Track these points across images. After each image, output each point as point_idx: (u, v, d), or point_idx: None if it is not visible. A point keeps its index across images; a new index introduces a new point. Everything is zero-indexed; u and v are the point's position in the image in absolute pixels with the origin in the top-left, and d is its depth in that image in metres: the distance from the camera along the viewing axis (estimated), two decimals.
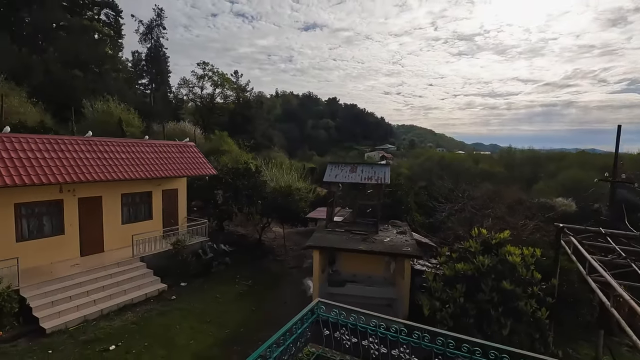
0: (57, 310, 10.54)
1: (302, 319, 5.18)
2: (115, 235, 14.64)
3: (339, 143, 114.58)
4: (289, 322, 4.89)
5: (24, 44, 38.49)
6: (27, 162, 11.59)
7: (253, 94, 69.05)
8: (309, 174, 37.91)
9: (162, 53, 64.04)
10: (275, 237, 21.93)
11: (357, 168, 15.16)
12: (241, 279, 15.24)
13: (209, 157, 25.43)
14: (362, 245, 12.39)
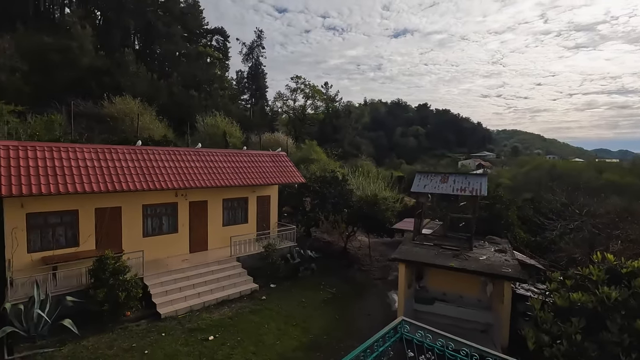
0: (170, 299, 12.17)
1: (384, 337, 4.96)
2: (217, 235, 16.33)
3: (429, 151, 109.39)
4: (370, 339, 4.73)
5: (154, 71, 46.27)
6: (152, 170, 13.77)
7: (342, 104, 70.69)
8: (396, 182, 36.90)
9: (261, 70, 70.14)
10: (360, 246, 21.81)
11: (449, 178, 14.16)
12: (326, 286, 15.48)
13: (299, 166, 26.73)
14: (453, 262, 11.46)
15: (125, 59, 41.96)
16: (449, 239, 14.32)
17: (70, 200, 12.06)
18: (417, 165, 70.57)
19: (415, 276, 13.42)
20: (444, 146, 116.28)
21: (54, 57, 35.98)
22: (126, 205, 13.52)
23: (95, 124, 27.82)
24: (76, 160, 12.35)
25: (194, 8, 61.26)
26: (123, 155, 13.66)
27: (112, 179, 12.46)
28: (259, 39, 70.15)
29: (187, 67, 50.79)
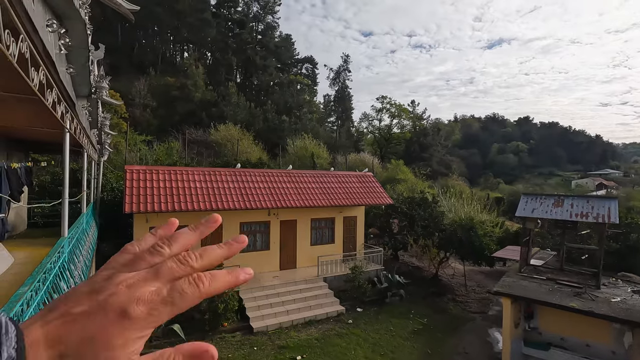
0: (261, 314, 12.74)
1: None
2: (305, 254, 16.73)
3: (533, 169, 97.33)
4: None
5: (252, 100, 51.16)
6: (248, 191, 14.92)
7: (430, 121, 68.00)
8: (494, 204, 33.46)
9: (347, 93, 72.11)
10: (454, 274, 20.01)
11: (564, 201, 12.17)
12: (416, 315, 14.47)
13: (385, 186, 26.18)
14: (574, 302, 9.65)
15: (228, 91, 47.39)
16: (567, 273, 12.19)
17: (182, 217, 13.72)
18: (519, 185, 63.04)
19: (524, 314, 11.65)
20: (551, 163, 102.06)
21: (174, 93, 42.66)
22: (226, 222, 14.81)
23: (204, 149, 31.72)
24: (188, 182, 14.09)
25: (287, 41, 66.71)
26: (225, 177, 15.14)
27: (216, 199, 13.85)
28: (345, 64, 72.65)
29: (280, 95, 55.00)
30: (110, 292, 0.36)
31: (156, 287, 0.37)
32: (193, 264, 0.42)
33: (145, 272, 0.39)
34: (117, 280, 0.37)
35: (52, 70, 3.65)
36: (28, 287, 3.13)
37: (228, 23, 60.01)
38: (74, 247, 6.27)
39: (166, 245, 0.43)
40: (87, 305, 0.35)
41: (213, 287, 0.41)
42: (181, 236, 0.45)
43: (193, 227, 0.47)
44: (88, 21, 4.11)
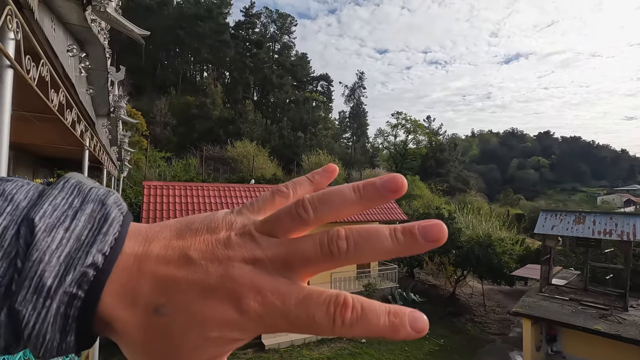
0: None
1: None
2: None
3: (555, 184, 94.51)
4: None
5: (268, 117, 52.22)
6: None
7: (446, 137, 67.52)
8: (514, 221, 32.50)
9: (362, 109, 72.73)
10: (472, 293, 19.37)
11: (586, 218, 11.73)
12: (432, 335, 14.00)
13: (400, 202, 25.91)
14: (600, 325, 9.16)
15: (245, 109, 48.60)
16: (591, 293, 11.63)
17: None
18: (541, 202, 61.22)
19: (546, 337, 11.12)
20: (575, 179, 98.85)
21: (194, 111, 44.08)
22: None
23: (221, 165, 32.40)
24: (203, 197, 14.37)
25: (303, 60, 68.32)
26: (239, 192, 15.36)
27: None
28: (360, 80, 73.56)
29: (296, 112, 55.97)
30: (236, 262, 0.27)
31: (284, 288, 0.27)
32: (342, 255, 0.28)
33: (279, 248, 0.28)
34: (249, 246, 0.28)
35: (72, 91, 3.88)
36: None
37: (246, 43, 62.11)
38: None
39: (312, 208, 0.29)
40: (208, 260, 0.27)
41: (355, 330, 0.26)
42: (337, 197, 0.30)
43: (357, 188, 0.30)
44: (107, 45, 4.38)
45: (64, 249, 0.26)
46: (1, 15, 1.95)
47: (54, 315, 0.25)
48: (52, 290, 0.25)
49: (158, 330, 0.27)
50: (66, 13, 2.78)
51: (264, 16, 66.06)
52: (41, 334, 0.24)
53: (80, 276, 0.25)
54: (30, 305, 0.24)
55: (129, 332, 0.27)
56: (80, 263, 0.26)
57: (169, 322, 0.26)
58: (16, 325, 0.24)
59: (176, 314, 0.26)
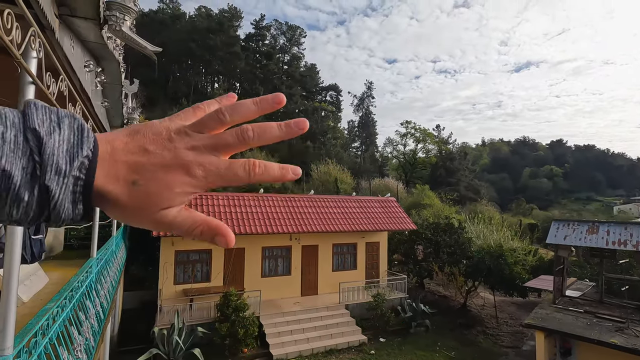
0: (281, 341, 12.57)
1: None
2: (327, 280, 16.53)
3: (569, 194, 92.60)
4: None
5: None
6: (271, 216, 15.15)
7: (456, 146, 67.04)
8: (527, 231, 31.96)
9: (370, 119, 72.85)
10: (484, 304, 19.01)
11: (600, 228, 11.49)
12: (442, 348, 13.76)
13: (410, 211, 25.72)
14: (616, 338, 8.90)
15: (255, 119, 49.12)
16: (607, 306, 11.32)
17: None
18: (554, 211, 59.98)
19: (560, 350, 10.83)
20: (589, 188, 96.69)
21: None
22: (249, 246, 15.02)
23: None
24: (213, 206, 14.55)
25: (312, 70, 69.06)
26: (249, 202, 15.50)
27: (239, 223, 14.15)
28: (368, 90, 73.89)
29: None
30: (181, 149, 0.42)
31: (215, 161, 0.43)
32: (250, 141, 0.45)
33: (209, 140, 0.43)
34: (187, 140, 0.43)
35: (88, 104, 4.06)
36: (54, 304, 3.36)
37: (256, 55, 63.20)
38: (102, 268, 6.60)
39: (228, 114, 0.45)
40: (161, 150, 0.42)
41: (262, 178, 0.45)
42: (243, 107, 0.47)
43: (256, 101, 0.48)
44: (122, 60, 4.58)
45: (63, 147, 0.37)
46: (25, 36, 2.10)
47: (69, 191, 0.37)
48: (66, 172, 0.36)
49: (139, 194, 0.40)
50: (84, 32, 2.95)
51: (273, 28, 67.25)
52: (62, 204, 0.36)
53: (80, 164, 0.37)
54: (54, 182, 0.36)
55: (119, 199, 0.40)
56: (78, 156, 0.37)
57: (145, 189, 0.40)
58: (44, 198, 0.35)
59: (149, 183, 0.41)
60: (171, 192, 0.41)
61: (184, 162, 0.42)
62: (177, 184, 0.42)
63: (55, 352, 3.21)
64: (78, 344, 3.99)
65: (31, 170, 0.35)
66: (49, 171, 0.35)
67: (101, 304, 5.90)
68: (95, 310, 5.32)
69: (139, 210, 0.41)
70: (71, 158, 0.37)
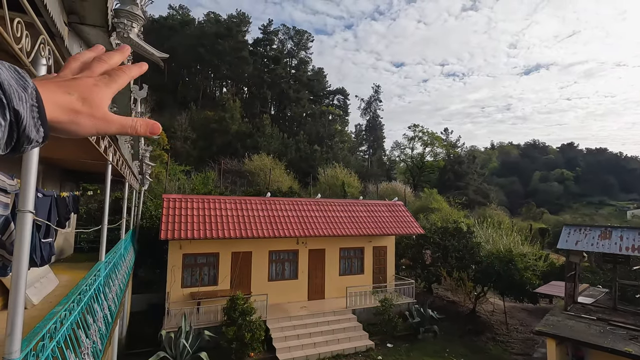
0: (288, 345, 12.52)
1: None
2: (334, 284, 16.45)
3: (581, 198, 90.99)
4: None
5: (285, 131, 52.93)
6: (278, 219, 15.16)
7: (464, 149, 66.48)
8: (537, 236, 31.46)
9: (378, 122, 72.75)
10: (493, 310, 18.70)
11: (612, 233, 11.25)
12: (451, 354, 13.56)
13: (417, 215, 25.55)
14: (630, 347, 8.67)
15: (263, 123, 49.47)
16: (621, 313, 11.05)
17: (214, 244, 14.14)
18: (566, 216, 59.01)
19: (573, 358, 10.59)
20: (602, 192, 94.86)
21: (213, 126, 45.22)
22: (256, 250, 15.04)
23: (238, 178, 32.87)
24: (220, 210, 14.62)
25: (319, 74, 69.33)
26: (255, 205, 15.55)
27: (246, 226, 14.20)
28: (376, 94, 73.90)
29: (312, 125, 56.53)
30: (84, 77, 0.59)
31: (102, 76, 0.62)
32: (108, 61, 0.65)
33: (87, 69, 0.62)
34: (85, 73, 0.61)
35: None
36: (62, 307, 3.39)
37: (264, 60, 63.69)
38: (110, 271, 6.66)
39: (106, 58, 0.65)
40: (67, 80, 0.57)
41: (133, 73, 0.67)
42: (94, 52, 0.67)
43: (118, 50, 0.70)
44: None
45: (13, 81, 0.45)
46: (35, 44, 2.14)
47: (30, 114, 0.46)
48: (25, 98, 0.46)
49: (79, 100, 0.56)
50: (93, 39, 2.99)
51: (281, 33, 67.80)
52: (29, 126, 0.46)
53: (31, 92, 0.47)
54: (20, 107, 0.45)
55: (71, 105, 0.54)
56: (27, 86, 0.47)
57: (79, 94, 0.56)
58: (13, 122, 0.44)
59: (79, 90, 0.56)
60: (97, 96, 0.58)
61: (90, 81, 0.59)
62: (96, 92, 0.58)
63: (63, 356, 3.23)
64: (85, 347, 4.02)
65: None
66: (13, 98, 0.43)
67: (109, 307, 5.95)
68: (103, 314, 5.36)
69: (89, 111, 0.56)
70: (23, 88, 0.46)
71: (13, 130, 0.45)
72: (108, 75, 0.63)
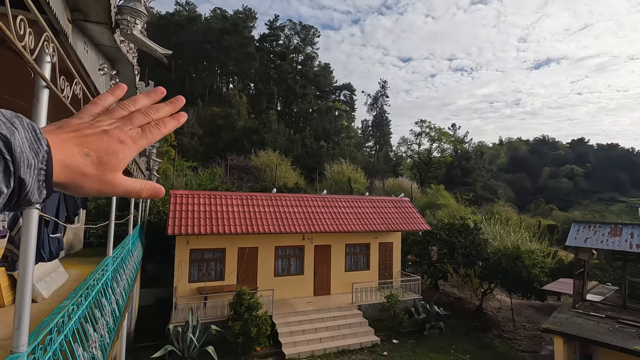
0: (294, 340, 12.60)
1: None
2: (339, 280, 16.48)
3: (591, 194, 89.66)
4: None
5: (291, 127, 52.92)
6: (284, 215, 15.21)
7: (472, 145, 65.84)
8: (546, 233, 31.15)
9: (384, 118, 72.32)
10: (500, 307, 18.59)
11: (623, 230, 11.07)
12: (457, 351, 13.53)
13: (424, 212, 25.42)
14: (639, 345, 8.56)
15: (269, 119, 49.50)
16: (630, 311, 10.89)
17: (221, 240, 14.25)
18: (575, 212, 58.27)
19: (581, 356, 10.49)
20: (612, 188, 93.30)
21: (220, 122, 45.38)
22: (262, 246, 15.12)
23: (244, 174, 33.02)
24: (227, 206, 14.70)
25: (326, 70, 69.02)
26: (261, 201, 15.60)
27: (252, 222, 14.27)
28: (382, 89, 73.40)
29: (318, 121, 56.41)
30: (107, 128, 0.54)
31: (135, 129, 0.57)
32: (153, 115, 0.60)
33: (123, 118, 0.58)
34: (107, 122, 0.56)
35: None
36: (70, 301, 3.44)
37: (270, 55, 63.56)
38: (117, 266, 6.75)
39: (131, 103, 0.60)
40: (92, 131, 0.53)
41: (168, 128, 0.62)
42: (140, 99, 0.62)
43: (147, 94, 0.64)
44: (136, 63, 4.66)
45: (26, 145, 0.44)
46: (39, 41, 2.15)
47: (36, 179, 0.45)
48: (34, 165, 0.44)
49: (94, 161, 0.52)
50: (97, 36, 3.00)
51: (287, 28, 67.54)
52: (32, 192, 0.45)
53: (42, 157, 0.45)
54: (27, 174, 0.43)
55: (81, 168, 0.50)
56: (40, 150, 0.45)
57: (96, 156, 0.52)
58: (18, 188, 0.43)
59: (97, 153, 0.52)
60: (116, 157, 0.54)
61: (115, 136, 0.54)
62: (120, 151, 0.54)
63: (71, 349, 3.29)
64: (93, 341, 4.09)
65: (3, 167, 0.41)
66: (22, 166, 0.43)
67: (117, 301, 6.03)
68: (110, 308, 5.44)
69: (99, 175, 0.52)
70: (35, 153, 0.45)
71: (14, 197, 0.44)
72: (141, 130, 0.57)
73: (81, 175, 0.50)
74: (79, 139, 0.51)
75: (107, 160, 0.52)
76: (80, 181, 0.51)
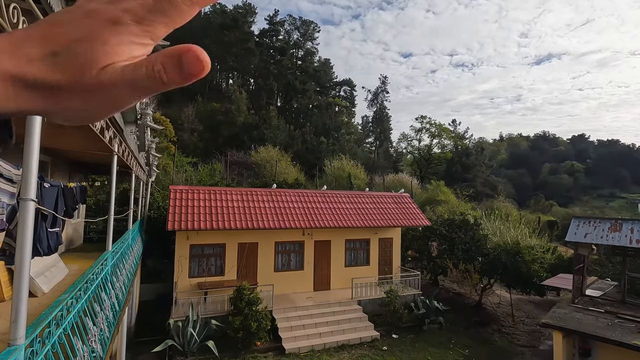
0: (294, 335, 12.65)
1: None
2: (339, 276, 16.52)
3: (591, 190, 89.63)
4: None
5: (291, 123, 52.78)
6: (283, 211, 15.20)
7: (472, 141, 65.73)
8: (545, 228, 31.18)
9: (385, 114, 72.09)
10: (499, 302, 18.65)
11: (622, 225, 11.06)
12: (456, 345, 13.59)
13: (424, 207, 25.41)
14: (639, 340, 8.58)
15: (269, 115, 49.35)
16: (630, 306, 10.92)
17: (220, 235, 14.26)
18: (575, 208, 58.26)
19: (580, 351, 10.53)
20: (613, 184, 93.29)
21: (219, 118, 45.28)
22: (262, 241, 15.14)
23: (244, 170, 32.99)
24: (227, 202, 14.70)
25: (326, 65, 68.70)
26: (261, 197, 15.60)
27: (252, 218, 14.27)
28: (383, 85, 73.10)
29: (318, 117, 56.25)
30: (94, 7, 0.35)
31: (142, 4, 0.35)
32: None
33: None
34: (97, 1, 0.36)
35: None
36: (68, 295, 3.44)
37: (270, 51, 63.23)
38: (117, 261, 6.76)
39: None
40: (72, 15, 0.35)
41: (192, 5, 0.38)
42: None
43: None
44: None
45: None
46: None
47: None
48: None
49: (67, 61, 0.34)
50: None
51: (287, 24, 67.13)
52: None
53: None
54: None
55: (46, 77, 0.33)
56: None
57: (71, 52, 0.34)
58: None
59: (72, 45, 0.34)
60: (106, 45, 0.34)
61: (103, 15, 0.34)
62: (111, 36, 0.34)
63: (70, 343, 3.29)
64: (93, 335, 4.09)
65: None
66: None
67: (116, 295, 6.04)
68: (110, 302, 5.44)
69: (78, 80, 0.34)
70: None
71: None
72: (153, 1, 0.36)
73: (49, 90, 0.33)
74: (43, 33, 0.34)
75: (84, 52, 0.34)
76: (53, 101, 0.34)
